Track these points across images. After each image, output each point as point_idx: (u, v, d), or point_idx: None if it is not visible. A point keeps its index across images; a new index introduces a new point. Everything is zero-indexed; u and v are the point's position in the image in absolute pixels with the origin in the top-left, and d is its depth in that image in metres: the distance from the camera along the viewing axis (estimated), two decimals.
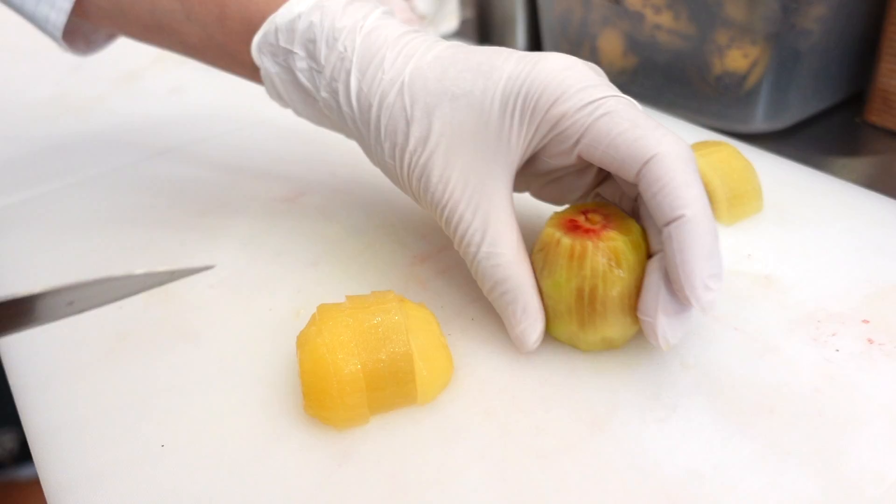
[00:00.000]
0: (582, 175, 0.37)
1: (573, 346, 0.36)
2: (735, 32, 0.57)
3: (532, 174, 0.38)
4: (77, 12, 0.42)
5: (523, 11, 0.78)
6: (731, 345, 0.36)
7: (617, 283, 0.33)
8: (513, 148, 0.34)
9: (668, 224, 0.31)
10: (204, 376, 0.37)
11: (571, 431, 0.33)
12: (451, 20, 0.74)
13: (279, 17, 0.38)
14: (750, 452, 0.31)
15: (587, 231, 0.33)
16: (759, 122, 0.59)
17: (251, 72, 0.41)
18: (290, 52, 0.38)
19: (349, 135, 0.40)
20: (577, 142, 0.33)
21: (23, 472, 1.45)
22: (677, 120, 0.58)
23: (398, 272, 0.43)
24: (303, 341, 0.35)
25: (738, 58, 0.57)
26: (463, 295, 0.41)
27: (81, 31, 0.46)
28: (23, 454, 1.47)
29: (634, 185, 0.32)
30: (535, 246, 0.35)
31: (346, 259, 0.45)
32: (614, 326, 0.34)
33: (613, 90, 0.33)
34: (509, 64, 0.34)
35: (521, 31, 0.79)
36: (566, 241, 0.33)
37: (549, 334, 0.36)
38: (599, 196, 0.38)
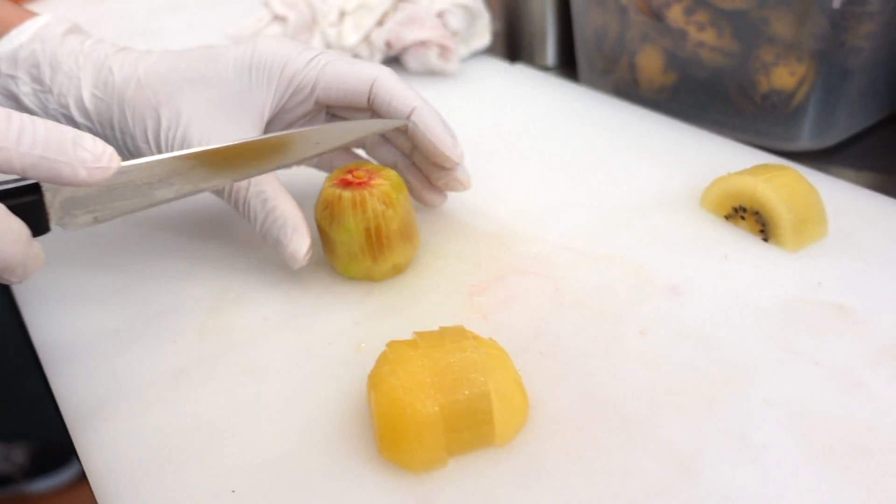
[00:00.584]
0: (313, 122, 0.45)
1: (369, 279, 0.43)
2: (781, 50, 0.56)
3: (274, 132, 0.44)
4: None
5: (554, 26, 0.77)
6: (815, 381, 0.35)
7: (394, 218, 0.41)
8: (256, 109, 0.41)
9: (408, 116, 0.41)
10: (268, 415, 0.36)
11: (659, 474, 0.32)
12: (484, 36, 0.73)
13: (1, 47, 0.42)
14: (849, 496, 0.30)
15: (360, 184, 0.41)
16: (805, 139, 0.58)
17: None
18: (13, 78, 0.42)
19: None
20: (313, 89, 0.42)
21: (33, 487, 1.43)
22: (719, 137, 0.57)
23: (457, 304, 0.42)
24: (376, 381, 0.34)
25: (785, 75, 0.56)
26: (528, 327, 0.40)
27: None
28: (33, 468, 1.46)
29: (358, 113, 0.44)
30: (318, 206, 0.42)
31: (401, 290, 0.43)
32: (399, 253, 0.42)
33: (320, 49, 0.42)
34: (229, 51, 0.41)
35: (551, 47, 0.78)
36: (346, 194, 0.40)
37: (347, 275, 0.43)
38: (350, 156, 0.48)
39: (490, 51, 0.76)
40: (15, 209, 0.29)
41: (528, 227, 0.48)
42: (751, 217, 0.45)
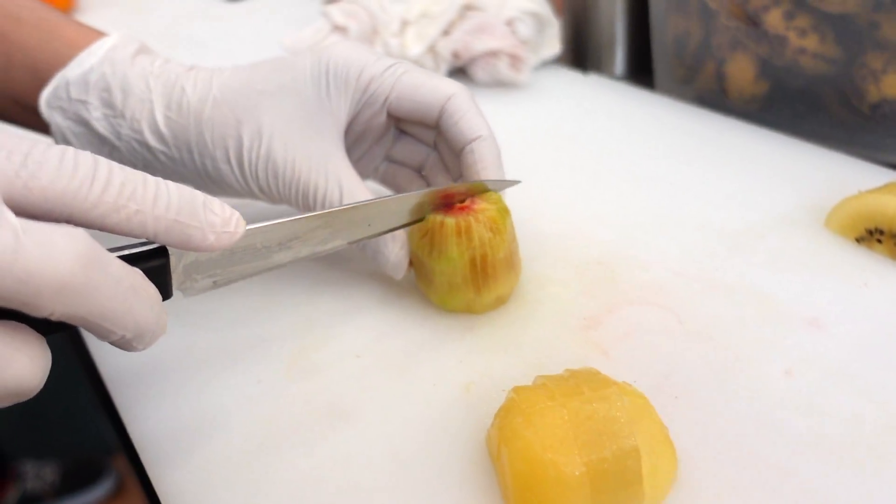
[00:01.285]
0: (380, 141, 0.43)
1: (469, 311, 0.39)
2: (892, 56, 0.51)
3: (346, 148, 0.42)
4: None
5: (623, 34, 0.73)
6: None
7: (501, 246, 0.37)
8: (337, 117, 0.39)
9: (469, 143, 0.39)
10: (375, 469, 0.32)
11: None
12: (553, 45, 0.69)
13: (70, 72, 0.39)
14: None
15: (462, 208, 0.37)
16: None
17: (39, 122, 0.41)
18: (83, 103, 0.39)
19: (157, 171, 0.40)
20: (386, 99, 0.39)
21: None
22: (820, 149, 0.53)
23: (570, 338, 0.38)
24: (508, 435, 0.29)
25: None
26: (656, 366, 0.36)
27: None
28: (63, 487, 1.43)
29: (426, 131, 0.42)
30: (414, 234, 0.38)
31: (505, 322, 0.39)
32: (504, 284, 0.38)
33: (394, 59, 0.40)
34: (304, 59, 0.39)
35: (620, 55, 0.74)
36: (450, 220, 0.37)
37: (444, 308, 0.40)
38: (391, 161, 0.45)
39: (556, 60, 0.72)
40: (145, 274, 0.27)
41: (635, 250, 0.44)
42: (889, 240, 0.40)
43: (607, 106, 0.63)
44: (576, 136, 0.58)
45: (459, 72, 0.68)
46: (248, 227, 0.31)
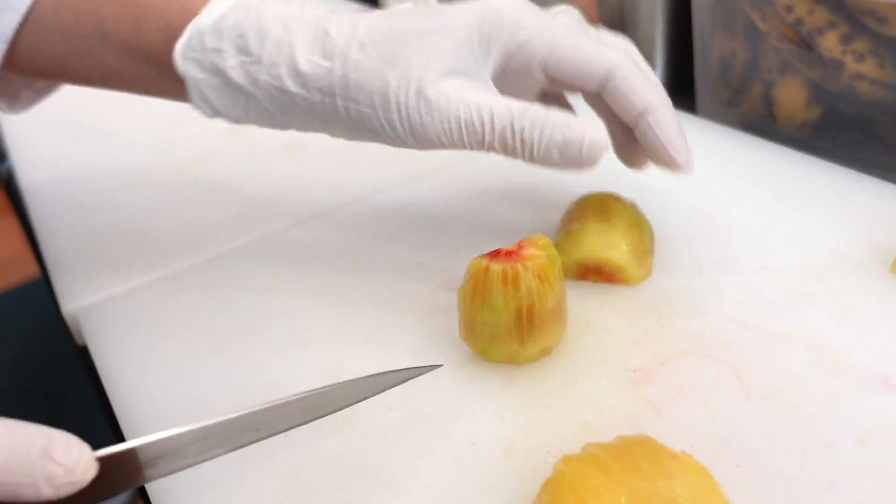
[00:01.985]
0: (528, 96, 0.40)
1: (511, 362, 0.37)
2: None
3: None
4: None
5: (663, 52, 0.70)
6: None
7: (549, 295, 0.35)
8: (489, 66, 0.37)
9: (640, 115, 0.37)
10: None
11: None
12: None
13: (202, 20, 0.37)
14: None
15: (510, 254, 0.35)
16: None
17: (172, 84, 0.39)
18: (218, 52, 0.37)
19: (294, 122, 0.39)
20: (543, 60, 0.37)
21: None
22: (879, 181, 0.49)
23: (619, 394, 0.35)
24: None
25: None
26: (714, 429, 0.33)
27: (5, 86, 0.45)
28: None
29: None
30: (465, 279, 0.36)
31: (549, 374, 0.37)
32: (551, 335, 0.36)
33: (559, 10, 0.40)
34: (457, 9, 0.37)
35: (659, 76, 0.71)
36: (496, 267, 0.35)
37: (485, 357, 0.37)
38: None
39: None
40: None
41: (686, 293, 0.41)
42: None
43: None
44: (611, 163, 0.55)
45: None
46: (102, 453, 0.25)
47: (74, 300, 0.46)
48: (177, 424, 0.36)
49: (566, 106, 0.44)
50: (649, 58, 0.70)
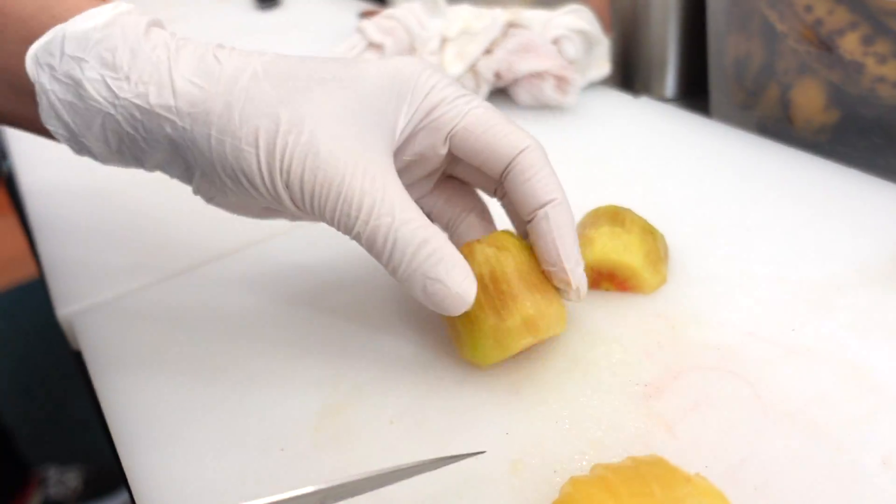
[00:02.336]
0: (428, 177, 0.38)
1: (503, 351, 0.34)
2: None
3: None
4: None
5: (676, 53, 0.68)
6: None
7: (508, 259, 0.35)
8: (393, 129, 0.34)
9: (542, 206, 0.34)
10: None
11: None
12: (602, 66, 0.65)
13: (70, 26, 0.33)
14: None
15: (469, 242, 0.36)
16: None
17: (23, 99, 0.34)
18: (78, 61, 0.32)
19: (155, 155, 0.34)
20: (452, 130, 0.35)
21: None
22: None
23: (631, 409, 0.34)
24: None
25: None
26: (729, 448, 0.31)
27: None
28: (87, 492, 1.41)
29: (482, 177, 0.37)
30: None
31: (555, 385, 0.35)
32: (528, 304, 0.34)
33: (471, 92, 0.36)
34: (371, 62, 0.34)
35: (671, 77, 0.69)
36: None
37: (477, 360, 0.35)
38: (450, 179, 0.40)
39: (603, 81, 0.67)
40: None
41: (700, 304, 0.39)
42: None
43: (659, 132, 0.59)
44: (625, 165, 0.54)
45: (500, 93, 0.64)
46: None
47: (69, 304, 0.45)
48: (168, 432, 0.35)
49: (471, 195, 0.40)
50: (662, 59, 0.69)
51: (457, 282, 0.32)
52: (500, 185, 0.36)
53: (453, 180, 0.40)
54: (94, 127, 0.34)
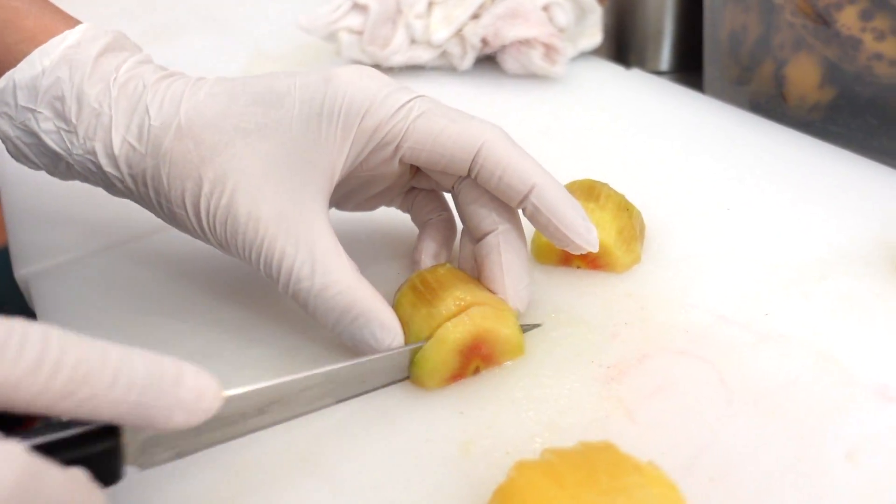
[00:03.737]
0: (397, 181, 0.37)
1: (441, 344, 0.32)
2: None
3: (345, 192, 0.37)
4: None
5: (672, 25, 0.67)
6: None
7: (443, 271, 0.34)
8: (325, 168, 0.32)
9: (525, 198, 0.33)
10: None
11: None
12: (594, 35, 0.63)
13: (18, 74, 0.33)
14: None
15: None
16: None
17: None
18: (32, 112, 0.33)
19: (118, 194, 0.36)
20: (398, 147, 0.33)
21: None
22: (893, 171, 0.46)
23: (590, 391, 0.33)
24: None
25: None
26: (689, 436, 0.30)
27: None
28: None
29: (452, 177, 0.34)
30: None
31: (515, 366, 0.34)
32: (463, 291, 0.33)
33: (414, 92, 0.33)
34: (296, 90, 0.33)
35: (666, 49, 0.68)
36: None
37: (425, 380, 0.33)
38: (415, 189, 0.38)
39: (595, 52, 0.65)
40: (85, 460, 0.23)
41: (673, 285, 0.38)
42: None
43: (650, 106, 0.57)
44: (613, 139, 0.52)
45: (488, 60, 0.62)
46: (226, 393, 0.26)
47: (26, 265, 0.44)
48: None
49: (437, 201, 0.39)
50: (658, 30, 0.67)
51: (385, 343, 0.32)
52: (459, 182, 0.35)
53: (421, 189, 0.39)
54: (60, 167, 0.35)
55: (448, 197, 0.39)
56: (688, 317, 0.36)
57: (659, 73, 0.67)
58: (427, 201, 0.39)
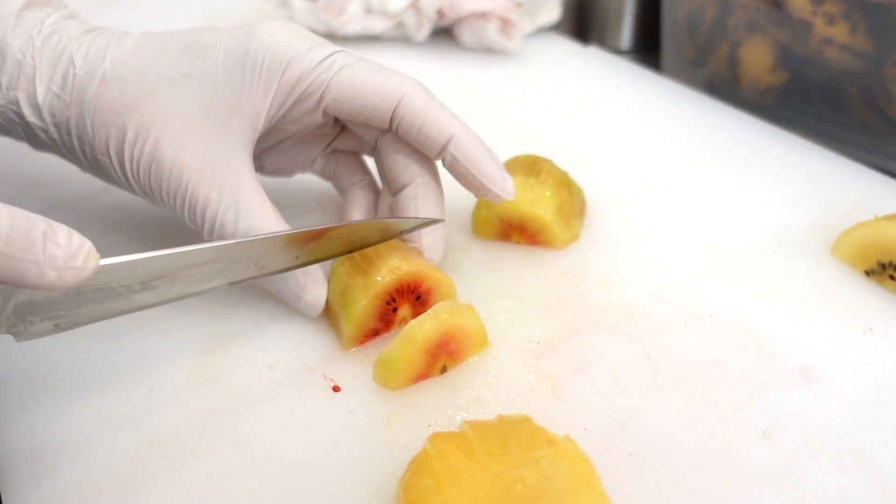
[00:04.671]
0: (320, 135, 0.38)
1: (372, 303, 0.33)
2: None
3: (268, 147, 0.37)
4: None
5: (633, 4, 0.67)
6: None
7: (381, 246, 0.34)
8: (249, 117, 0.33)
9: (444, 148, 0.34)
10: None
11: None
12: (552, 10, 0.63)
13: None
14: None
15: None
16: None
17: None
18: None
19: (41, 146, 0.35)
20: (321, 99, 0.33)
21: None
22: (839, 157, 0.47)
23: (517, 366, 0.33)
24: (414, 499, 0.25)
25: None
26: (612, 411, 0.31)
27: None
28: None
29: (374, 130, 0.35)
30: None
31: None
32: (397, 257, 0.33)
33: (336, 46, 0.34)
34: (222, 41, 0.33)
35: (627, 27, 0.68)
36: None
37: (347, 333, 0.33)
38: (337, 152, 0.39)
39: (554, 28, 0.65)
40: None
41: (610, 263, 0.38)
42: None
43: (605, 84, 0.57)
44: (563, 116, 0.53)
45: (444, 33, 0.62)
46: (103, 261, 0.25)
47: None
48: (32, 365, 0.33)
49: (358, 166, 0.40)
50: (618, 10, 0.67)
51: (306, 290, 0.33)
52: (382, 136, 0.36)
53: (342, 152, 0.39)
54: None
55: (370, 162, 0.39)
56: (622, 295, 0.36)
57: (619, 52, 0.67)
58: (348, 165, 0.39)
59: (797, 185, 0.44)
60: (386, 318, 0.34)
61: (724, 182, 0.45)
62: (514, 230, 0.39)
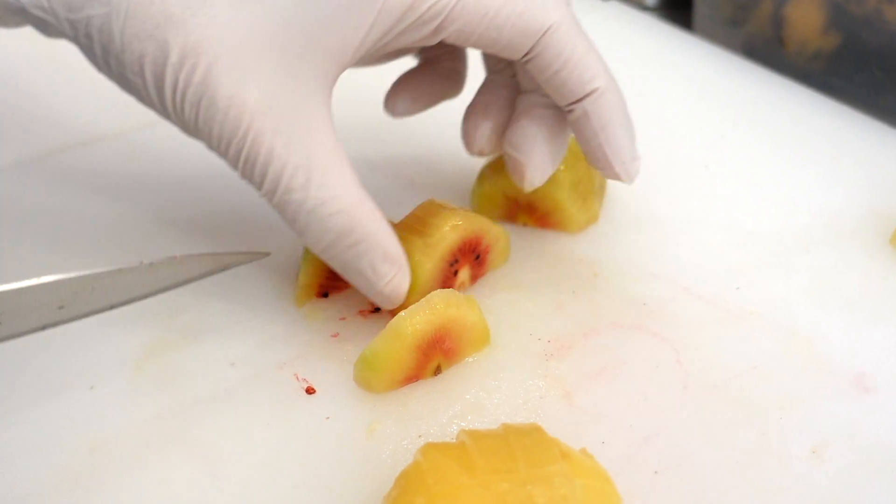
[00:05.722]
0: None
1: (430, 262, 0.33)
2: None
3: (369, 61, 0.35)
4: None
5: None
6: None
7: (425, 203, 0.35)
8: (334, 53, 0.29)
9: (580, 100, 0.31)
10: None
11: None
12: None
13: None
14: None
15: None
16: None
17: None
18: None
19: (53, 34, 0.31)
20: (440, 28, 0.30)
21: None
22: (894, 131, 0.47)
23: (525, 369, 0.32)
24: None
25: None
26: (635, 423, 0.30)
27: None
28: None
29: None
30: None
31: None
32: (452, 217, 0.33)
33: None
34: None
35: None
36: None
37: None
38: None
39: None
40: None
41: (633, 249, 0.38)
42: None
43: (628, 45, 0.57)
44: None
45: None
46: None
47: None
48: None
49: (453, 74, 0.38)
50: None
51: (384, 279, 0.31)
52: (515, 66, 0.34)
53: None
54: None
55: None
56: (647, 287, 0.36)
57: (645, 7, 0.67)
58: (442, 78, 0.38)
59: (850, 164, 0.44)
60: (447, 283, 0.33)
61: (766, 159, 0.44)
62: (521, 210, 0.38)
